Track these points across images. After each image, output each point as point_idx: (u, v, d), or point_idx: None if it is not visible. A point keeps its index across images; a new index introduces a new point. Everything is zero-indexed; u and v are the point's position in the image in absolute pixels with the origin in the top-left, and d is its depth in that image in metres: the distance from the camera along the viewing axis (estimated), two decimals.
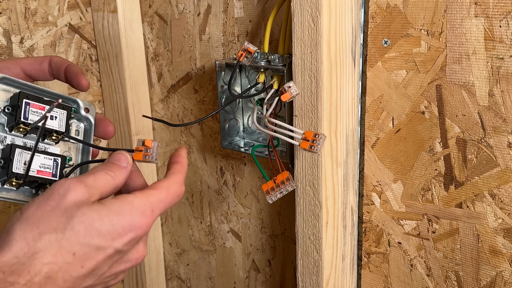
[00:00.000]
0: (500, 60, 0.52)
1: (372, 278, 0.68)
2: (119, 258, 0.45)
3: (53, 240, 0.41)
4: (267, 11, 0.70)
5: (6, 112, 0.50)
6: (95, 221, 0.42)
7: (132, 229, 0.44)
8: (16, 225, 0.42)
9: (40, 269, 0.40)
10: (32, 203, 0.43)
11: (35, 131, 0.51)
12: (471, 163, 0.57)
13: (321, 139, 0.56)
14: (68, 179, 0.44)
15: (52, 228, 0.42)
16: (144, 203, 0.45)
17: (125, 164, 0.48)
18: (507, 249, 0.57)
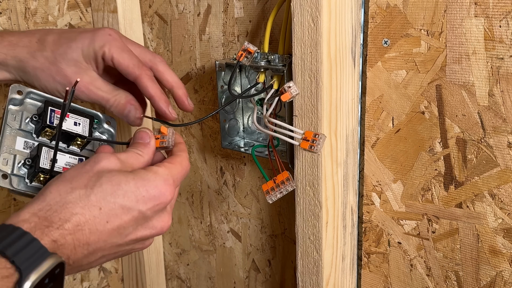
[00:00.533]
0: (500, 60, 0.52)
1: (372, 278, 0.68)
2: (143, 222, 0.49)
3: (82, 194, 0.46)
4: (267, 11, 0.70)
5: (33, 121, 0.55)
6: (122, 182, 0.47)
7: (156, 194, 0.48)
8: (53, 182, 0.47)
9: (69, 218, 0.45)
10: (71, 168, 0.49)
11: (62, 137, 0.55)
12: (471, 163, 0.57)
13: (321, 139, 0.56)
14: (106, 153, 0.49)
15: (83, 185, 0.46)
16: (166, 173, 0.50)
17: (148, 139, 0.54)
18: (507, 249, 0.57)
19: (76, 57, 0.59)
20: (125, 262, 0.98)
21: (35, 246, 0.42)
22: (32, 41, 0.60)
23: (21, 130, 0.54)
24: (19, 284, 0.41)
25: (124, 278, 1.00)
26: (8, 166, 0.52)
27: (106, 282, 0.99)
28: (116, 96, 0.60)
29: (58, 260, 0.43)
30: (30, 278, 0.41)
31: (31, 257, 0.41)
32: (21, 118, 0.55)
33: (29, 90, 0.56)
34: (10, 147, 0.53)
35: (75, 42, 0.59)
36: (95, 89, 0.59)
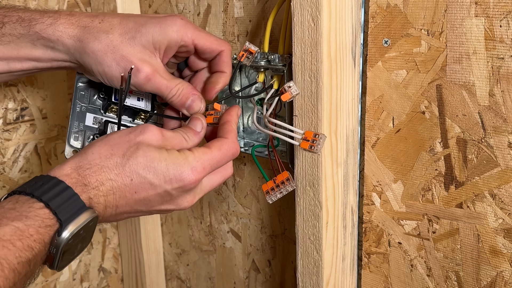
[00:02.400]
0: (501, 60, 0.52)
1: (372, 278, 0.68)
2: (169, 199, 0.52)
3: (119, 163, 0.50)
4: (267, 11, 0.70)
5: (101, 97, 0.58)
6: (155, 160, 0.50)
7: (181, 179, 0.51)
8: (98, 142, 0.51)
9: (104, 181, 0.49)
10: (118, 131, 0.52)
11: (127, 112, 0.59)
12: (472, 163, 0.57)
13: (321, 139, 0.56)
14: (154, 126, 0.52)
15: (121, 153, 0.50)
16: (196, 160, 0.52)
17: (199, 129, 0.56)
18: (508, 249, 0.57)
19: (145, 43, 0.57)
20: (125, 262, 0.98)
21: (75, 201, 0.47)
22: (94, 21, 0.57)
23: (90, 106, 0.57)
24: (58, 233, 0.46)
25: (124, 278, 1.00)
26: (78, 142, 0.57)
27: (106, 282, 0.99)
28: (179, 85, 0.58)
29: (93, 214, 0.48)
30: (68, 228, 0.46)
31: (71, 210, 0.46)
32: (89, 95, 0.58)
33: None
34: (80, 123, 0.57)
35: (145, 27, 0.57)
36: (159, 77, 0.57)
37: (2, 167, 0.82)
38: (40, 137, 0.85)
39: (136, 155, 0.50)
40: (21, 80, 0.82)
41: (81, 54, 0.56)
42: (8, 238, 0.42)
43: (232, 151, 0.55)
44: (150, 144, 0.51)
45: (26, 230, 0.44)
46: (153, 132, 0.52)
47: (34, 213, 0.45)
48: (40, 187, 0.47)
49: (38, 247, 0.44)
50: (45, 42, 0.57)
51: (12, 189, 0.51)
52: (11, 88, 0.81)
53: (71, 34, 0.56)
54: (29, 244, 0.43)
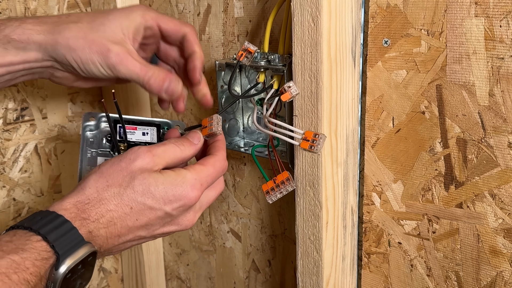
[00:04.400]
0: (501, 60, 0.52)
1: (372, 278, 0.68)
2: (169, 220, 0.53)
3: (116, 193, 0.50)
4: (267, 11, 0.70)
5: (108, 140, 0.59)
6: (152, 186, 0.51)
7: (182, 198, 0.52)
8: (92, 176, 0.51)
9: (104, 213, 0.49)
10: (109, 161, 0.52)
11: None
12: (472, 163, 0.57)
13: (321, 139, 0.56)
14: (141, 147, 0.52)
15: (118, 184, 0.50)
16: (194, 177, 0.53)
17: (196, 141, 0.56)
18: (508, 249, 0.57)
19: (114, 28, 0.58)
20: (125, 262, 0.98)
21: (73, 234, 0.46)
22: (61, 17, 0.59)
23: (101, 151, 0.58)
24: (56, 267, 0.45)
25: (124, 278, 1.00)
26: None
27: (106, 282, 0.99)
28: (154, 68, 0.59)
29: (92, 249, 0.47)
30: (66, 262, 0.45)
31: (69, 243, 0.46)
32: (98, 140, 0.59)
33: (101, 115, 0.59)
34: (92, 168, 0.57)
35: (112, 15, 0.59)
36: (133, 60, 0.58)
37: (2, 167, 0.82)
38: (40, 137, 0.85)
39: (133, 184, 0.50)
40: None
41: (53, 46, 0.57)
42: (4, 271, 0.42)
43: (224, 167, 0.56)
44: (143, 169, 0.51)
45: (22, 263, 0.43)
46: (143, 156, 0.52)
47: (31, 246, 0.44)
48: (39, 221, 0.46)
49: (34, 280, 0.43)
50: (15, 44, 0.57)
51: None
52: (11, 88, 0.81)
53: (40, 29, 0.57)
54: (25, 278, 0.43)
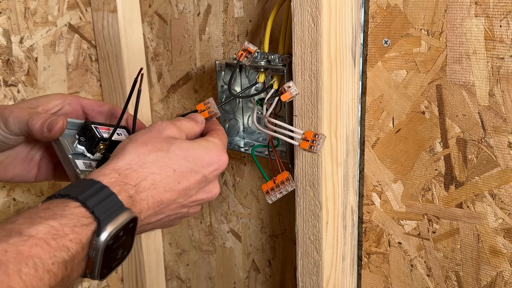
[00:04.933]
0: (501, 60, 0.52)
1: (372, 278, 0.68)
2: (204, 185, 0.54)
3: (159, 156, 0.51)
4: (267, 11, 0.70)
5: (81, 142, 0.57)
6: (190, 150, 0.52)
7: (217, 161, 0.54)
8: (129, 144, 0.51)
9: (146, 176, 0.49)
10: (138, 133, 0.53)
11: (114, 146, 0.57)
12: (472, 163, 0.57)
13: (321, 139, 0.56)
14: (163, 121, 0.54)
15: (158, 148, 0.51)
16: (220, 142, 0.56)
17: (200, 120, 0.59)
18: (508, 249, 0.57)
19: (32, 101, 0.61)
20: (125, 262, 0.98)
21: (112, 200, 0.45)
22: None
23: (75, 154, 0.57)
24: (97, 233, 0.44)
25: (124, 278, 1.00)
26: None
27: (106, 282, 0.99)
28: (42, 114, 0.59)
29: (132, 215, 0.46)
30: (107, 229, 0.44)
31: (108, 209, 0.45)
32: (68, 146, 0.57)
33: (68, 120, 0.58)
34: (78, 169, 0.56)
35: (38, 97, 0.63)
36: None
37: None
38: None
39: (173, 148, 0.52)
40: (21, 80, 0.82)
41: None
42: (42, 237, 0.40)
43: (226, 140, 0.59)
44: (175, 137, 0.53)
45: (61, 229, 0.42)
46: (170, 127, 0.54)
47: (70, 212, 0.43)
48: (77, 187, 0.45)
49: (75, 247, 0.42)
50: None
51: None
52: (11, 88, 0.81)
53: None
54: (64, 244, 0.41)
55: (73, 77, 0.89)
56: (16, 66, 0.81)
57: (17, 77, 0.82)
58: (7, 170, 0.62)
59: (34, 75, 0.84)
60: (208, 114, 0.60)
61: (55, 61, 0.86)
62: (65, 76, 0.87)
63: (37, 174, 0.64)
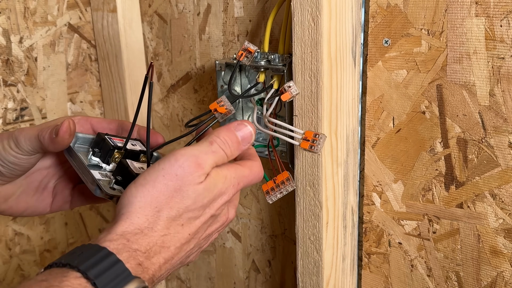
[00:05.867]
0: (501, 60, 0.52)
1: (372, 279, 0.68)
2: (212, 221, 0.51)
3: (168, 216, 0.47)
4: (267, 10, 0.70)
5: (96, 153, 0.57)
6: (200, 196, 0.48)
7: (223, 194, 0.50)
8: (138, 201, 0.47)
9: (157, 240, 0.46)
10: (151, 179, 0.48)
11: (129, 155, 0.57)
12: (472, 163, 0.57)
13: (321, 139, 0.56)
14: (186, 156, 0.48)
15: (168, 206, 0.47)
16: (233, 176, 0.51)
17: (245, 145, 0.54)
18: (508, 249, 0.56)
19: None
20: None
21: (118, 269, 0.42)
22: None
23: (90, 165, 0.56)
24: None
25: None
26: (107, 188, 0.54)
27: None
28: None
29: (141, 284, 0.42)
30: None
31: (113, 279, 0.41)
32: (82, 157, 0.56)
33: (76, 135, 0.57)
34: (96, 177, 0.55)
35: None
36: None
37: None
38: None
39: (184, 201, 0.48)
40: (20, 80, 0.82)
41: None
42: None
43: (260, 173, 0.54)
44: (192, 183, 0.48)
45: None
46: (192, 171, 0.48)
47: (68, 283, 0.39)
48: (79, 255, 0.42)
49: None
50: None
51: None
52: (11, 88, 0.81)
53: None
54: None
55: (72, 77, 0.89)
56: (16, 66, 0.81)
57: (17, 77, 0.82)
58: (19, 202, 0.59)
59: (34, 75, 0.84)
60: (225, 110, 0.57)
61: (54, 61, 0.86)
62: (64, 76, 0.87)
63: (52, 203, 0.61)
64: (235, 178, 0.51)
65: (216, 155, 0.50)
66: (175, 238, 0.47)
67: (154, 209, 0.47)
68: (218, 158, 0.51)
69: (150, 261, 0.45)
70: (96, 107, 0.93)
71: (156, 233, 0.46)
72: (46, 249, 0.91)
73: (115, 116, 0.90)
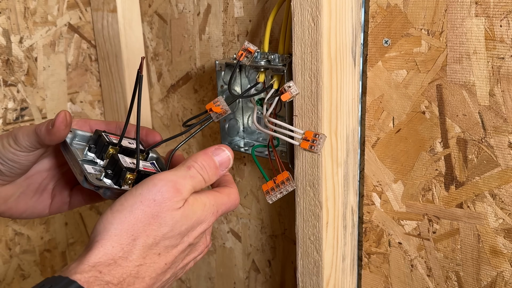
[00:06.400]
0: (501, 60, 0.52)
1: (372, 279, 0.68)
2: (189, 250, 0.50)
3: (144, 245, 0.46)
4: (267, 10, 0.70)
5: (92, 149, 0.57)
6: (178, 223, 0.47)
7: (203, 222, 0.50)
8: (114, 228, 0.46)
9: (131, 271, 0.45)
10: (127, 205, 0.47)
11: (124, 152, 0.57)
12: (472, 163, 0.57)
13: (321, 139, 0.56)
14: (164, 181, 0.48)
15: (145, 234, 0.46)
16: (212, 203, 0.51)
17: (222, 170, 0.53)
18: (508, 249, 0.56)
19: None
20: None
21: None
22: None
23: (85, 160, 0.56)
24: None
25: None
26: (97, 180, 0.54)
27: None
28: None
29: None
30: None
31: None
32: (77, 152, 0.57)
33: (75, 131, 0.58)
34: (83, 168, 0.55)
35: None
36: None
37: None
38: None
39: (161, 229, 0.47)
40: (20, 80, 0.82)
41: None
42: None
43: (236, 201, 0.54)
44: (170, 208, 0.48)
45: None
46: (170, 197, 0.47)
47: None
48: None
49: None
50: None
51: None
52: (11, 88, 0.81)
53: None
54: None
55: (72, 77, 0.89)
56: (16, 66, 0.81)
57: (17, 77, 0.82)
58: (19, 203, 0.59)
59: (34, 75, 0.84)
60: (221, 110, 0.57)
61: (54, 61, 0.86)
62: (64, 76, 0.87)
63: (50, 205, 0.61)
64: (214, 205, 0.51)
65: (194, 180, 0.50)
66: (150, 269, 0.46)
67: (130, 237, 0.46)
68: (196, 183, 0.50)
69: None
70: (96, 107, 0.93)
71: (131, 263, 0.45)
72: (46, 249, 0.91)
73: (115, 116, 0.90)
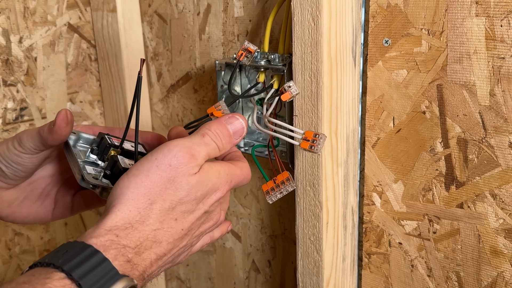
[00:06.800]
0: (501, 60, 0.52)
1: (372, 279, 0.68)
2: (205, 218, 0.50)
3: (161, 209, 0.46)
4: (267, 10, 0.70)
5: (94, 151, 0.57)
6: (193, 188, 0.47)
7: (217, 190, 0.50)
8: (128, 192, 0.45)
9: (148, 234, 0.45)
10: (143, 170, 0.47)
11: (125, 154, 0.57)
12: (472, 163, 0.57)
13: (321, 139, 0.56)
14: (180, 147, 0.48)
15: (161, 198, 0.46)
16: (227, 172, 0.51)
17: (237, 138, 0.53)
18: (508, 249, 0.56)
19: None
20: None
21: (105, 268, 0.40)
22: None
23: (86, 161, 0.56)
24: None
25: None
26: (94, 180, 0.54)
27: None
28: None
29: (129, 283, 0.41)
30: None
31: (99, 280, 0.39)
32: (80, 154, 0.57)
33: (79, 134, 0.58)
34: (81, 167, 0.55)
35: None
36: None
37: None
38: None
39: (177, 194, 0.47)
40: (20, 80, 0.82)
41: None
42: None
43: (248, 176, 0.54)
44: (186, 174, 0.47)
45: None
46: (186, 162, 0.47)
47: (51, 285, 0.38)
48: (63, 254, 0.40)
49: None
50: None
51: None
52: (11, 88, 0.81)
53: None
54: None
55: (72, 76, 0.89)
56: (16, 65, 0.81)
57: (17, 77, 0.82)
58: (22, 207, 0.59)
59: (34, 74, 0.84)
60: (222, 114, 0.57)
61: (54, 60, 0.86)
62: (64, 76, 0.87)
63: (53, 210, 0.61)
64: (228, 175, 0.51)
65: (208, 147, 0.50)
66: (168, 233, 0.46)
67: (147, 201, 0.46)
68: (211, 150, 0.50)
69: (141, 256, 0.43)
70: (96, 107, 0.93)
71: (148, 227, 0.45)
72: (46, 249, 0.91)
73: (114, 116, 0.90)
